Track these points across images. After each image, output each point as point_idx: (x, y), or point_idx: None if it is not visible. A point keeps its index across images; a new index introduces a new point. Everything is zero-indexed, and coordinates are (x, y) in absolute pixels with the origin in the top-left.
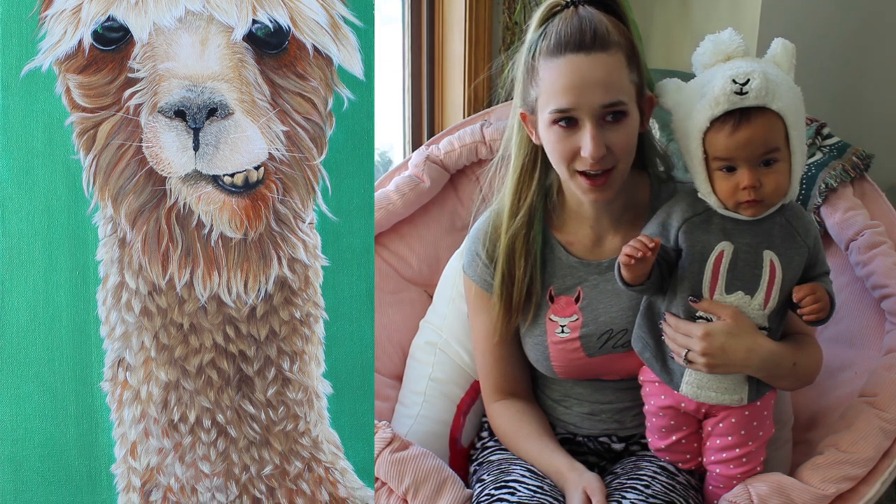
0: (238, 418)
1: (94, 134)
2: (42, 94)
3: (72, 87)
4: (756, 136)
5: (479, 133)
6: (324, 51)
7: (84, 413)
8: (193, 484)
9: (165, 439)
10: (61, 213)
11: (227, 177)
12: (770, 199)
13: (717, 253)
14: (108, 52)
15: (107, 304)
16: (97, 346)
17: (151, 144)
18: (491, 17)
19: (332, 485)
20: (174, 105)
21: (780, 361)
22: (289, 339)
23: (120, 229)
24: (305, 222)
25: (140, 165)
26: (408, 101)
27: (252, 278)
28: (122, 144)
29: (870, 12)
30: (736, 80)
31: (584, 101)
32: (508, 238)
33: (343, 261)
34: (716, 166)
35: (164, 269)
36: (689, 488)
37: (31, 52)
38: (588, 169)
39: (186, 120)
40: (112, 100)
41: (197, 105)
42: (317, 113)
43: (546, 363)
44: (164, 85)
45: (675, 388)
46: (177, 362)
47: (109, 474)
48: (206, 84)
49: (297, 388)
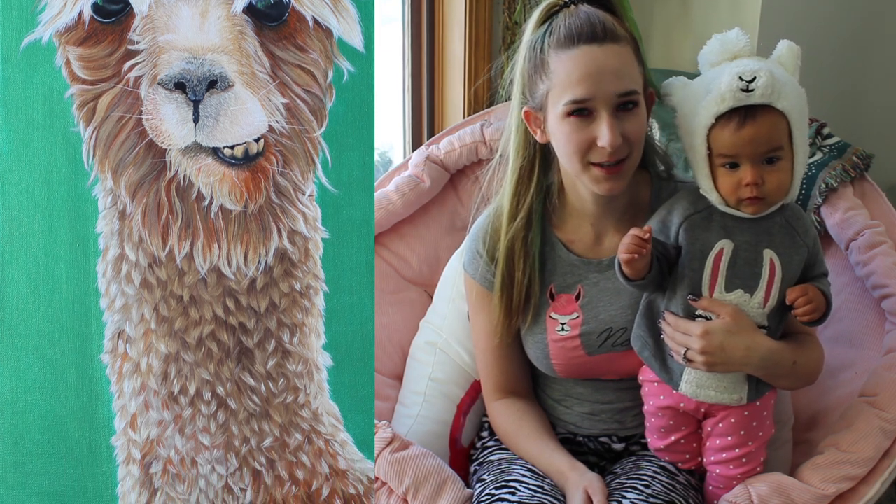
0: (238, 390)
1: (94, 106)
2: (42, 67)
3: (72, 60)
4: (761, 133)
5: (479, 133)
6: (324, 23)
7: (84, 385)
8: (193, 456)
9: (165, 411)
10: (61, 186)
11: (227, 149)
12: (772, 197)
13: (717, 251)
14: (108, 24)
15: (107, 277)
16: (97, 319)
17: (151, 116)
18: (491, 17)
19: (331, 457)
20: (174, 77)
21: (779, 360)
22: (289, 311)
23: (120, 201)
24: (305, 194)
25: (140, 137)
26: (408, 101)
27: (252, 250)
28: (122, 117)
29: (870, 12)
30: (742, 78)
31: (601, 91)
32: (508, 240)
33: (343, 233)
34: (719, 162)
35: (164, 242)
36: (690, 488)
37: (31, 24)
38: (605, 159)
39: (186, 92)
40: (112, 72)
41: (197, 77)
42: (317, 85)
43: (546, 362)
44: (164, 57)
45: (675, 388)
46: (177, 334)
47: (109, 446)
48: (205, 56)
49: (297, 361)
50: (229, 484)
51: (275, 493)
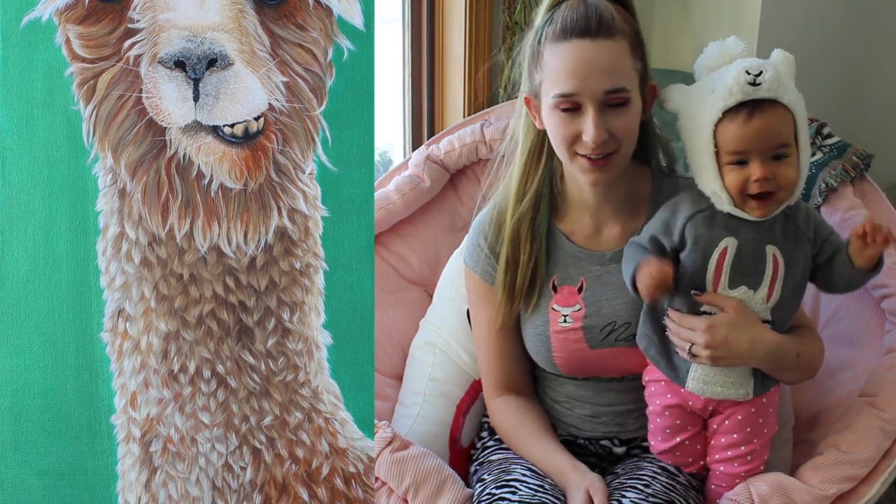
0: (238, 369)
1: (94, 84)
2: (42, 45)
3: (72, 38)
4: (770, 126)
5: (479, 133)
6: (323, 1)
7: (84, 363)
8: (193, 434)
9: (165, 390)
10: (61, 164)
11: (227, 127)
12: (782, 193)
13: (722, 249)
14: (108, 2)
15: (107, 255)
16: (97, 297)
17: (151, 95)
18: (491, 17)
19: (331, 435)
20: (174, 55)
21: (783, 353)
22: (289, 289)
23: (120, 180)
24: (305, 173)
25: (140, 116)
26: (408, 101)
27: (252, 229)
28: (121, 95)
29: (870, 12)
30: (749, 72)
31: (588, 87)
32: (514, 222)
33: (343, 211)
34: (726, 160)
35: (163, 220)
36: (690, 489)
37: (30, 2)
38: (589, 153)
39: (186, 70)
40: (112, 50)
41: (197, 55)
42: (317, 63)
43: (547, 355)
44: (164, 35)
45: (682, 385)
46: (177, 313)
47: (109, 425)
48: (205, 34)
49: (297, 339)
50: (229, 462)
51: (275, 472)
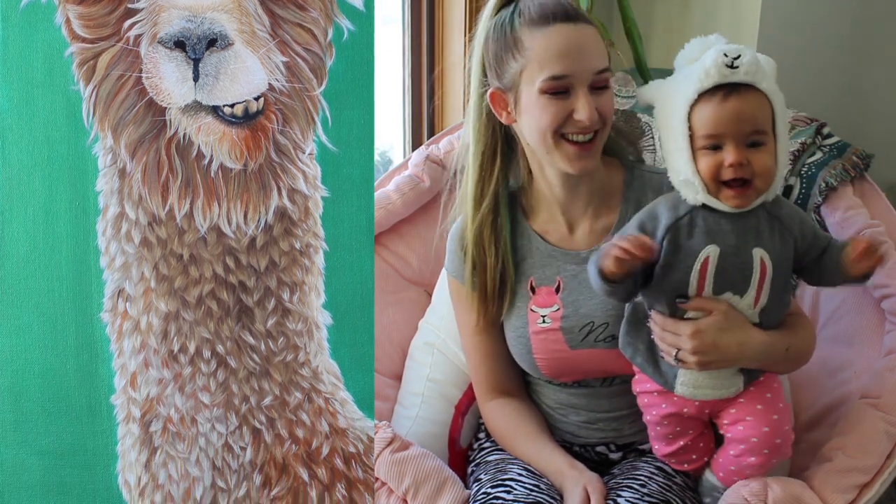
0: (238, 349)
1: (94, 64)
2: (42, 25)
3: (72, 18)
4: (745, 110)
5: None
6: None
7: (84, 344)
8: (193, 414)
9: (165, 370)
10: (61, 144)
11: (227, 107)
12: (757, 181)
13: (703, 259)
14: None
15: (107, 235)
16: (97, 277)
17: (151, 75)
18: None
19: (331, 415)
20: (174, 35)
21: (772, 350)
22: (289, 269)
23: (120, 160)
24: (305, 153)
25: (140, 96)
26: (408, 101)
27: (252, 209)
28: (121, 75)
29: (870, 11)
30: (727, 54)
31: (580, 67)
32: (476, 227)
33: (343, 191)
34: (700, 144)
35: (163, 200)
36: (687, 489)
37: None
38: (579, 133)
39: (186, 50)
40: (112, 30)
41: (197, 35)
42: (316, 43)
43: (528, 357)
44: (164, 15)
45: (671, 390)
46: (177, 293)
47: (109, 405)
48: (205, 14)
49: (297, 319)
50: (229, 442)
51: (275, 452)
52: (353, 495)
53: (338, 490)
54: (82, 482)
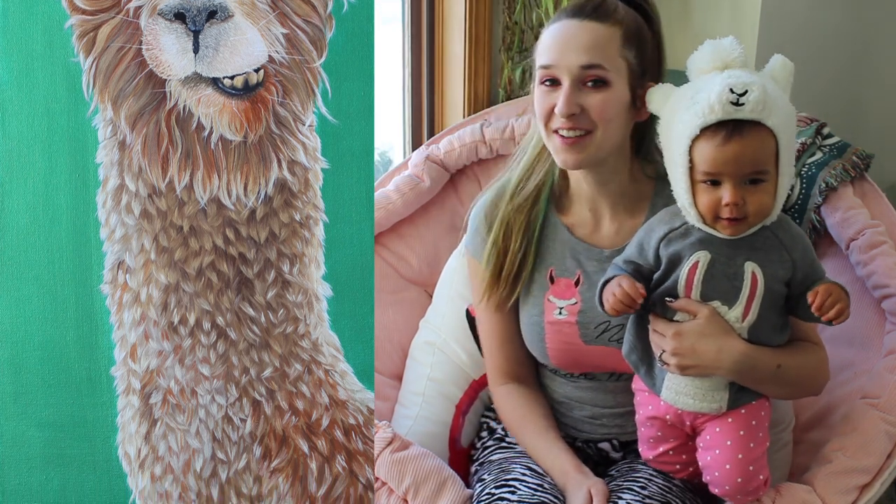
0: (238, 321)
1: (94, 36)
2: None
3: None
4: (746, 152)
5: (479, 133)
6: None
7: (84, 315)
8: (193, 386)
9: (165, 342)
10: (61, 116)
11: (227, 79)
12: (752, 219)
13: (692, 263)
14: None
15: (106, 207)
16: (97, 249)
17: (151, 47)
18: (491, 17)
19: (331, 387)
20: (174, 7)
21: (755, 364)
22: (288, 241)
23: (120, 132)
24: (305, 125)
25: (140, 68)
26: (408, 101)
27: (252, 181)
28: (121, 47)
29: (870, 12)
30: (734, 90)
31: (563, 59)
32: (509, 210)
33: (343, 163)
34: (700, 178)
35: (163, 172)
36: (687, 491)
37: None
38: (561, 127)
39: (186, 22)
40: (112, 2)
41: (196, 7)
42: (316, 15)
43: (540, 345)
44: None
45: (658, 393)
46: (176, 265)
47: (109, 377)
48: None
49: (297, 291)
50: (229, 414)
51: (275, 424)
52: (353, 467)
53: (338, 462)
54: (82, 454)
